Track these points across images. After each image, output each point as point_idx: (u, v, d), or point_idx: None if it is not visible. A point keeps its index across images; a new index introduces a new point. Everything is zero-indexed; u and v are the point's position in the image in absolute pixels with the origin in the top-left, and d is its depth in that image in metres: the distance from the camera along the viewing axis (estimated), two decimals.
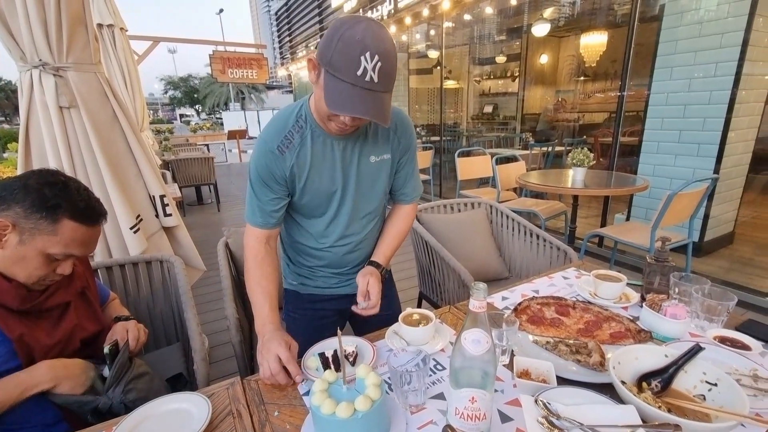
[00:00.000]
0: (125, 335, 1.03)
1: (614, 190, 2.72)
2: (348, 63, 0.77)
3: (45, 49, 1.47)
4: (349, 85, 0.79)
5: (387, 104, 0.85)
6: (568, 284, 1.28)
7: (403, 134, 1.08)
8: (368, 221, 1.13)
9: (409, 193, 1.17)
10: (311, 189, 1.02)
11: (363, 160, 1.02)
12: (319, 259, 1.15)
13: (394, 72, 0.83)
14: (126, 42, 4.25)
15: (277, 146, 0.96)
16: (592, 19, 6.78)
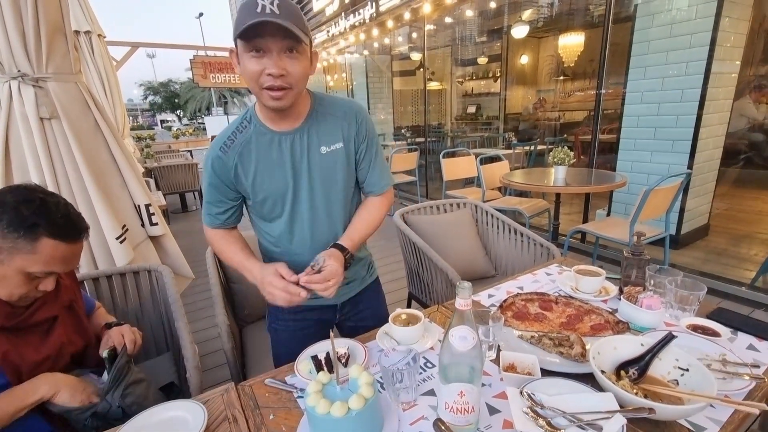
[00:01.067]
0: (122, 339, 1.03)
1: (594, 188, 2.81)
2: (247, 9, 0.80)
3: (24, 59, 1.45)
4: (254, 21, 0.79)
5: (294, 27, 0.82)
6: (551, 280, 1.33)
7: (354, 121, 1.04)
8: (335, 222, 1.08)
9: (375, 183, 1.11)
10: (262, 188, 1.01)
11: (313, 153, 1.00)
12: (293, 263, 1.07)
13: (298, 13, 0.84)
14: (104, 48, 4.18)
15: (220, 147, 0.99)
16: (569, 20, 6.94)
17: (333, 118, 1.03)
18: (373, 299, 1.28)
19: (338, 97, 1.09)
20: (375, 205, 1.13)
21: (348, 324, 1.24)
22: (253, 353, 1.57)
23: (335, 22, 7.02)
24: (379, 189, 1.13)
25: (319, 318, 1.18)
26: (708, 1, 2.85)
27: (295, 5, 0.86)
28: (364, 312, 1.24)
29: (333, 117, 1.03)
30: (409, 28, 6.76)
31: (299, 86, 0.90)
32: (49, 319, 0.96)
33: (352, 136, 1.05)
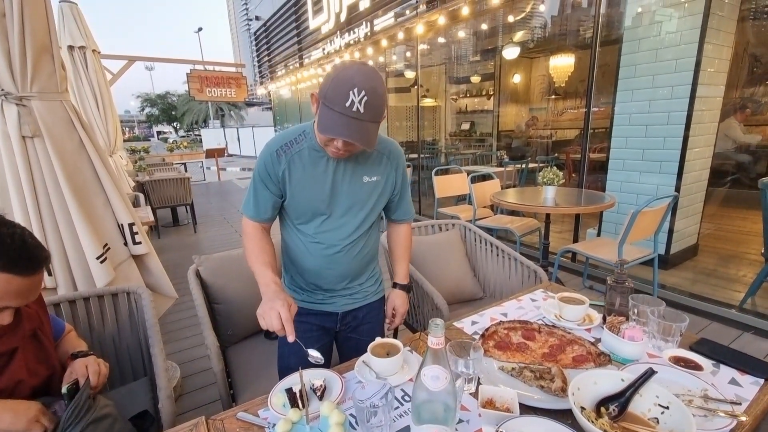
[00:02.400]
0: (85, 371, 0.97)
1: (583, 208, 2.82)
2: (339, 96, 0.91)
3: (8, 79, 1.44)
4: (338, 114, 0.92)
5: (372, 132, 0.96)
6: (535, 306, 1.31)
7: (397, 163, 1.20)
8: (354, 241, 1.17)
9: (405, 213, 1.31)
10: (301, 196, 1.10)
11: (355, 179, 1.12)
12: (304, 267, 1.19)
13: (381, 105, 0.95)
14: (98, 64, 4.20)
15: (276, 150, 1.09)
16: (561, 42, 7.10)
17: (378, 154, 1.16)
18: (375, 316, 1.32)
19: (385, 137, 1.20)
20: (406, 235, 1.36)
21: (346, 334, 1.30)
22: (240, 374, 1.52)
23: (330, 40, 7.13)
24: (409, 218, 1.34)
25: (321, 324, 1.25)
26: (693, 28, 2.93)
27: (382, 91, 0.95)
28: (364, 327, 1.29)
29: (379, 154, 1.16)
30: (404, 47, 6.87)
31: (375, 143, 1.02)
32: (7, 352, 0.91)
33: (392, 176, 1.20)
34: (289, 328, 0.93)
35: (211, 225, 6.15)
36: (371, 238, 1.24)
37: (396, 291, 1.34)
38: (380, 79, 0.96)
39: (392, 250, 1.38)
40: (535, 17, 6.97)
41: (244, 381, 1.46)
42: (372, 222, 1.21)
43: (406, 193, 1.29)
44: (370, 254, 1.26)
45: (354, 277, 1.23)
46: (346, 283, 1.22)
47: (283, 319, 0.94)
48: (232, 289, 1.67)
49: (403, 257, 1.36)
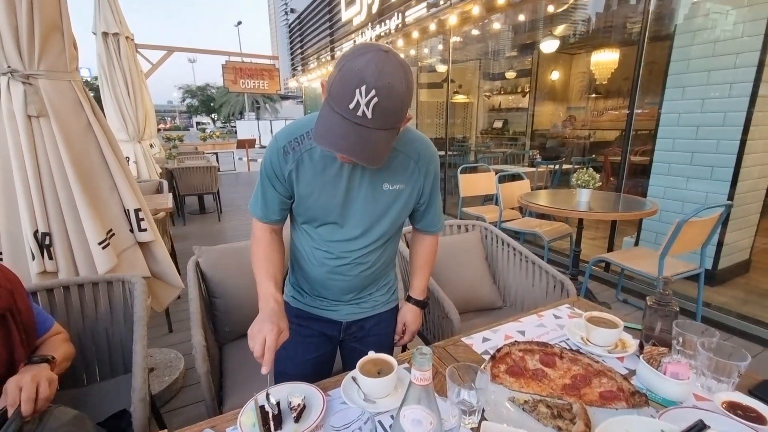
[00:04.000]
0: (17, 398, 0.81)
1: (620, 215, 2.57)
2: (343, 95, 0.73)
3: (15, 55, 1.41)
4: (338, 117, 0.74)
5: (380, 143, 0.77)
6: (558, 325, 1.15)
7: (425, 168, 1.00)
8: (366, 254, 1.02)
9: (433, 224, 1.13)
10: (308, 202, 0.97)
11: (374, 185, 0.95)
12: (308, 273, 1.08)
13: (398, 109, 0.75)
14: (131, 51, 4.27)
15: (283, 146, 0.93)
16: (605, 37, 6.67)
17: (404, 157, 0.96)
18: (383, 328, 1.18)
19: (417, 134, 1.00)
20: (431, 249, 1.19)
21: (350, 344, 1.17)
22: (233, 373, 1.45)
23: (362, 32, 7.02)
24: (436, 230, 1.15)
25: (323, 331, 1.14)
26: (756, 20, 2.61)
27: (401, 92, 0.74)
28: (370, 338, 1.16)
29: (404, 156, 0.96)
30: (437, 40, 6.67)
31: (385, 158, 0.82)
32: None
33: (420, 183, 1.01)
34: (268, 357, 0.81)
35: (235, 214, 6.21)
36: (388, 249, 1.09)
37: (409, 305, 1.20)
38: (402, 73, 0.73)
39: (412, 260, 1.22)
40: (579, 10, 6.59)
41: (237, 382, 1.38)
42: (391, 235, 1.05)
43: (435, 202, 1.09)
44: (384, 266, 1.11)
45: (363, 289, 1.10)
46: (353, 295, 1.10)
47: (266, 346, 0.81)
48: (232, 284, 1.59)
49: (423, 270, 1.20)
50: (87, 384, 1.38)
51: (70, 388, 1.35)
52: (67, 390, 1.34)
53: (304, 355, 1.13)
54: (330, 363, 1.22)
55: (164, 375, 2.05)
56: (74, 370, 1.36)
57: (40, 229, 1.50)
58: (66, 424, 0.85)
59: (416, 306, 1.20)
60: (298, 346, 1.12)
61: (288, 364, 1.13)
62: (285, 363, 1.16)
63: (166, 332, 2.60)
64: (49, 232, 1.52)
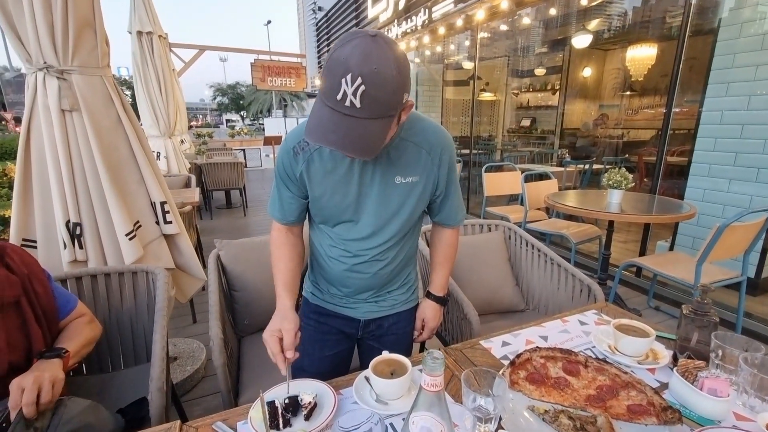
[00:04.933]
0: (18, 400, 0.80)
1: (655, 217, 2.44)
2: (330, 86, 0.70)
3: (50, 51, 1.46)
4: (329, 110, 0.72)
5: (373, 133, 0.73)
6: (584, 331, 1.09)
7: (439, 158, 0.96)
8: (384, 251, 1.00)
9: (451, 217, 1.09)
10: (321, 201, 0.96)
11: (386, 179, 0.92)
12: (326, 271, 1.07)
13: (389, 96, 0.71)
14: (164, 49, 4.40)
15: (293, 147, 0.93)
16: (642, 32, 6.37)
17: (416, 149, 0.93)
18: (402, 327, 1.16)
19: (429, 122, 0.97)
20: (451, 243, 1.14)
21: (368, 342, 1.16)
22: (250, 366, 1.46)
23: (388, 29, 6.99)
24: (455, 223, 1.11)
25: (341, 328, 1.13)
26: None
27: (389, 78, 0.69)
28: (388, 337, 1.14)
29: (417, 148, 0.93)
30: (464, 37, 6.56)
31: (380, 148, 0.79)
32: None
33: (434, 174, 0.97)
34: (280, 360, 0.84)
35: (260, 209, 6.32)
36: (407, 245, 1.06)
37: (428, 302, 1.16)
38: (392, 58, 0.69)
39: (431, 255, 1.19)
40: (614, 4, 6.32)
41: (253, 375, 1.39)
42: (409, 229, 1.02)
43: (453, 194, 1.05)
44: (404, 263, 1.08)
45: (382, 286, 1.08)
46: (371, 293, 1.08)
47: (284, 344, 0.84)
48: (252, 277, 1.61)
49: (443, 265, 1.16)
50: (112, 370, 1.42)
51: (96, 373, 1.39)
52: (93, 375, 1.39)
53: (323, 351, 1.13)
54: (348, 360, 1.21)
55: (186, 365, 2.10)
56: (100, 356, 1.40)
57: (71, 219, 1.55)
58: (80, 414, 0.87)
59: (435, 302, 1.16)
60: (316, 342, 1.13)
61: (306, 360, 1.13)
62: (303, 359, 1.15)
63: (190, 323, 2.67)
64: (79, 222, 1.57)
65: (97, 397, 1.19)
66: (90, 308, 1.35)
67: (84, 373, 1.39)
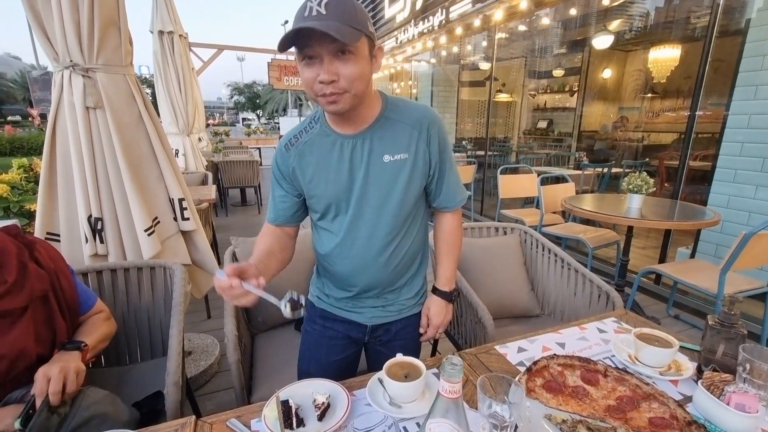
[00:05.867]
0: (44, 387, 0.83)
1: (676, 224, 2.37)
2: (297, 14, 0.77)
3: (76, 50, 1.50)
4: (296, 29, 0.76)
5: (344, 31, 0.75)
6: (603, 339, 1.06)
7: (426, 132, 0.95)
8: (387, 242, 0.98)
9: (449, 199, 1.05)
10: (317, 189, 0.97)
11: (374, 159, 0.93)
12: (331, 271, 1.06)
13: (351, 9, 0.77)
14: (184, 48, 4.48)
15: (285, 144, 0.98)
16: (664, 32, 6.22)
17: (402, 126, 0.94)
18: (410, 332, 1.14)
19: (413, 102, 1.00)
20: (452, 228, 1.11)
21: (375, 347, 1.14)
22: (263, 364, 1.47)
23: (404, 29, 6.97)
24: (453, 205, 1.07)
25: (347, 333, 1.12)
26: None
27: (352, 1, 0.79)
28: (396, 342, 1.11)
29: (402, 125, 0.94)
30: (481, 37, 6.50)
31: (356, 88, 0.83)
32: (15, 311, 0.87)
33: (422, 148, 0.96)
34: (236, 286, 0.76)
35: None
36: (410, 236, 1.02)
37: (433, 297, 1.12)
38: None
39: (436, 247, 1.16)
40: (636, 4, 6.17)
41: (267, 372, 1.40)
42: (408, 214, 0.99)
43: (449, 173, 1.02)
44: (410, 257, 1.05)
45: (388, 284, 1.04)
46: (379, 290, 1.05)
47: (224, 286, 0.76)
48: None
49: (447, 255, 1.11)
50: (129, 363, 1.45)
51: (113, 365, 1.42)
52: (111, 368, 1.42)
53: (329, 356, 1.12)
54: (355, 364, 1.19)
55: (200, 359, 2.13)
56: (118, 349, 1.43)
57: (93, 214, 1.59)
58: (98, 403, 0.89)
59: (441, 298, 1.10)
60: (323, 348, 1.12)
61: (312, 365, 1.13)
62: (310, 364, 1.16)
63: (204, 318, 2.71)
64: (101, 217, 1.61)
65: (115, 389, 1.21)
66: (109, 301, 1.39)
67: (103, 365, 1.42)
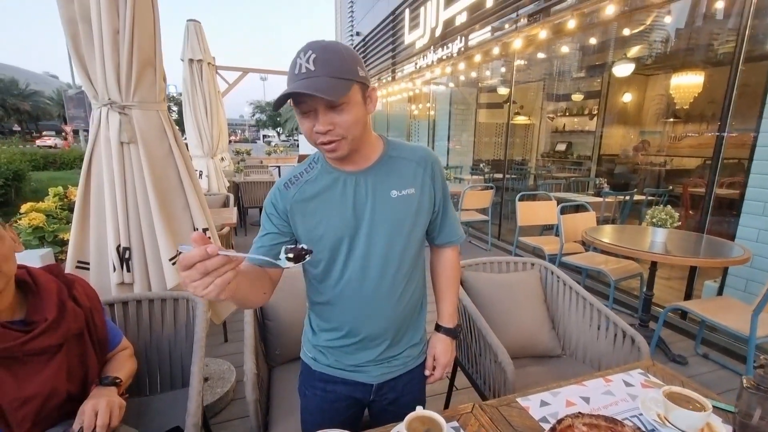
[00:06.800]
0: (92, 423, 0.87)
1: (703, 261, 2.29)
2: (290, 72, 0.80)
3: (115, 89, 1.58)
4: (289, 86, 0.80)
5: (330, 83, 0.77)
6: (629, 394, 1.03)
7: (431, 168, 0.98)
8: (394, 282, 0.95)
9: (452, 233, 1.08)
10: (318, 227, 0.92)
11: (380, 194, 0.92)
12: (330, 320, 1.01)
13: (339, 59, 0.79)
14: (211, 74, 4.67)
15: (284, 183, 0.96)
16: (686, 57, 6.16)
17: (406, 162, 0.97)
18: (416, 384, 1.11)
19: (413, 143, 1.03)
20: (455, 264, 1.13)
21: (382, 406, 1.09)
22: (281, 400, 1.46)
23: (423, 55, 7.11)
24: (457, 239, 1.10)
25: (351, 395, 1.06)
26: None
27: (338, 49, 0.81)
28: (404, 398, 1.08)
29: (406, 161, 0.97)
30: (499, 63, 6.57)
31: (352, 133, 0.84)
32: (51, 348, 0.90)
33: (428, 183, 0.98)
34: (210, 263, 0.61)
35: None
36: (418, 273, 1.02)
37: (438, 336, 1.10)
38: (336, 44, 0.81)
39: (436, 283, 1.15)
40: (656, 30, 6.16)
41: (282, 409, 1.39)
42: (415, 251, 0.98)
43: (450, 210, 1.06)
44: (417, 297, 1.04)
45: (396, 329, 1.01)
46: (383, 338, 1.00)
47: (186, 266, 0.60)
48: (285, 307, 1.63)
49: (449, 291, 1.12)
50: (149, 393, 1.47)
51: (134, 396, 1.44)
52: (131, 398, 1.44)
53: (333, 419, 1.05)
54: (359, 421, 1.14)
55: (216, 386, 2.14)
56: (138, 379, 1.45)
57: (122, 244, 1.64)
58: None
59: (446, 335, 1.10)
60: (326, 413, 1.07)
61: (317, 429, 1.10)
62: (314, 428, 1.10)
63: (221, 341, 2.73)
64: (129, 247, 1.66)
65: (135, 420, 1.23)
66: (133, 331, 1.42)
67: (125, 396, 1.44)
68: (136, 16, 1.53)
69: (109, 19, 1.49)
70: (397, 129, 11.58)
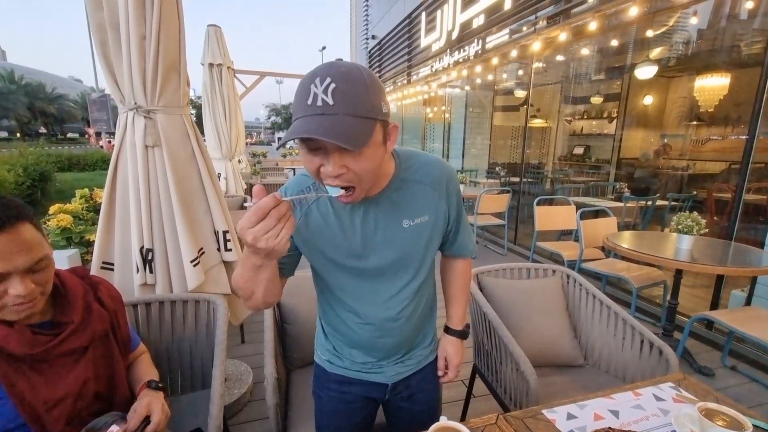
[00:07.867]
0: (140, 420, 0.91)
1: (731, 269, 2.20)
2: (299, 98, 0.67)
3: (141, 93, 1.62)
4: (299, 120, 0.66)
5: (353, 126, 0.65)
6: (660, 409, 0.99)
7: (446, 191, 0.92)
8: (404, 307, 0.95)
9: (465, 245, 1.05)
10: (322, 255, 0.89)
11: (391, 224, 0.87)
12: (347, 337, 1.01)
13: (362, 94, 0.66)
14: (230, 78, 4.75)
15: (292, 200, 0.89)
16: (710, 59, 6.00)
17: (421, 187, 0.89)
18: (430, 381, 1.12)
19: (426, 157, 0.93)
20: (466, 273, 1.12)
21: (397, 404, 1.10)
22: (299, 405, 1.46)
23: (440, 58, 7.09)
24: (469, 252, 1.08)
25: (366, 395, 1.07)
26: None
27: (361, 78, 0.67)
28: (418, 395, 1.09)
29: (421, 186, 0.89)
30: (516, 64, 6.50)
31: (368, 179, 0.74)
32: (79, 350, 0.92)
33: (442, 208, 0.93)
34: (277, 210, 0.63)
35: None
36: (426, 290, 1.02)
37: (448, 338, 1.12)
38: (359, 70, 0.68)
39: (446, 289, 1.15)
40: (678, 31, 6.02)
41: (300, 412, 1.39)
42: (425, 275, 0.97)
43: (463, 223, 1.01)
44: (428, 307, 1.06)
45: (410, 341, 1.03)
46: (402, 354, 1.03)
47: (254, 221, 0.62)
48: (305, 311, 1.63)
49: (459, 298, 1.13)
50: (170, 395, 1.48)
51: None
52: None
53: (348, 420, 1.08)
54: (372, 422, 1.15)
55: (234, 388, 2.15)
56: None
57: (145, 245, 1.67)
58: None
59: (456, 337, 1.12)
60: (342, 414, 1.07)
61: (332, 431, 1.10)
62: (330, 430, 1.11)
63: (238, 342, 2.75)
64: (152, 248, 1.69)
65: None
66: (155, 332, 1.44)
67: None
68: (162, 21, 1.56)
69: (136, 25, 1.52)
70: (412, 132, 11.57)
